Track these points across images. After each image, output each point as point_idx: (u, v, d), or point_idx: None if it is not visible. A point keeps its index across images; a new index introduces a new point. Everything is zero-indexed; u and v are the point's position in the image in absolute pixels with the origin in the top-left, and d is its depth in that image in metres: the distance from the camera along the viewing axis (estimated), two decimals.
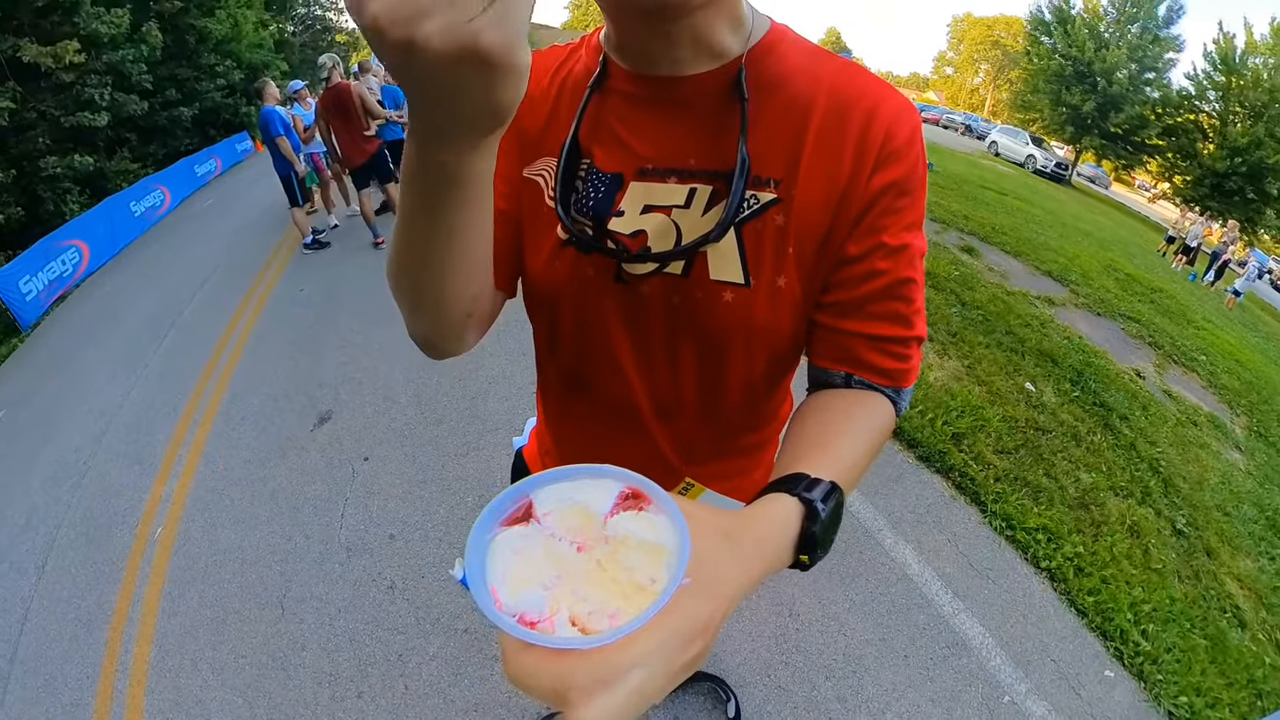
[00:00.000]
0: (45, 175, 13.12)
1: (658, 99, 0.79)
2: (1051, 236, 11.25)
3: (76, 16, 13.62)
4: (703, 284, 0.78)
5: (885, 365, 0.79)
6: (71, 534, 4.16)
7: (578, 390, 0.99)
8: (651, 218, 0.79)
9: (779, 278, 0.77)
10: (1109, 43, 28.55)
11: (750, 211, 0.76)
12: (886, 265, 0.76)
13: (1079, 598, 3.29)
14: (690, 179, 0.78)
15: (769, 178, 0.75)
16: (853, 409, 0.78)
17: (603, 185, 0.81)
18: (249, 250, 9.10)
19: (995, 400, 4.76)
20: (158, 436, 4.95)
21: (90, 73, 14.09)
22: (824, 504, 0.61)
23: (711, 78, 0.76)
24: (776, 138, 0.75)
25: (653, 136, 0.80)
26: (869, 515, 3.62)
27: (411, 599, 3.17)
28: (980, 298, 6.59)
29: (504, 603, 0.44)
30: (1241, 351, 8.91)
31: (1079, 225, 14.83)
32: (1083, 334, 6.63)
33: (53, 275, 9.66)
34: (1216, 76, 26.26)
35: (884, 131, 0.73)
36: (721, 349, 0.83)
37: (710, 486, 0.99)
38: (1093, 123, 28.76)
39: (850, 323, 0.78)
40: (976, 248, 8.72)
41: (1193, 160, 26.58)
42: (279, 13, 29.75)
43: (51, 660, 3.28)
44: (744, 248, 0.76)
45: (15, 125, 12.35)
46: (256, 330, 6.41)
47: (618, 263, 0.80)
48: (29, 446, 5.43)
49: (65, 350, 7.62)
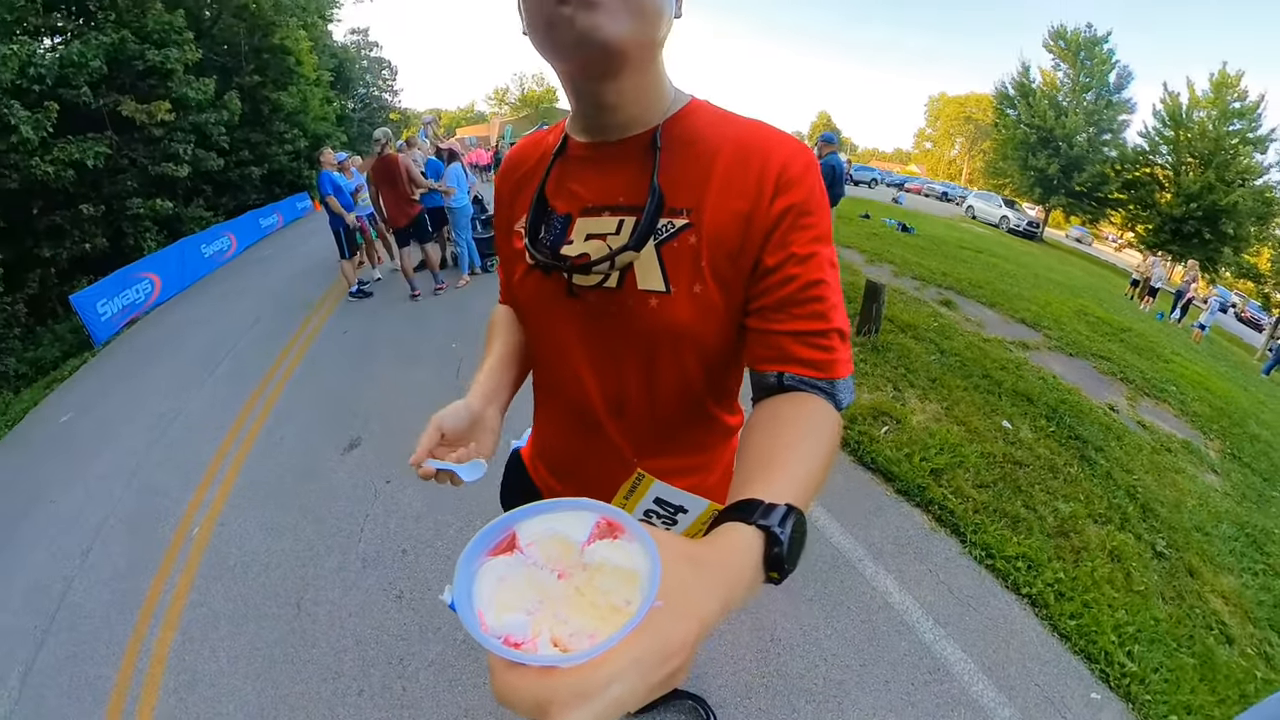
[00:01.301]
0: (130, 214, 13.48)
1: (599, 158, 0.96)
2: (1025, 287, 11.18)
3: (171, 82, 14.24)
4: (632, 293, 0.90)
5: (811, 357, 0.84)
6: (117, 526, 4.23)
7: (550, 393, 1.15)
8: (592, 243, 0.93)
9: (695, 285, 0.88)
10: (1067, 110, 28.85)
11: (668, 234, 0.88)
12: (798, 270, 0.84)
13: (1061, 622, 3.12)
14: (619, 212, 0.92)
15: (682, 207, 0.88)
16: (796, 419, 0.80)
17: (559, 224, 0.98)
18: (301, 295, 9.27)
19: (973, 438, 4.64)
20: (204, 449, 5.00)
21: (177, 130, 14.63)
22: (782, 528, 0.61)
23: (638, 139, 0.92)
24: (688, 177, 0.89)
25: (594, 184, 0.96)
26: (850, 546, 3.50)
27: (417, 609, 3.11)
28: (958, 345, 6.50)
29: (490, 625, 0.45)
30: (1210, 380, 8.67)
31: (1051, 276, 14.72)
32: (1056, 374, 6.49)
33: (127, 301, 9.90)
34: (1166, 132, 26.50)
35: (780, 166, 0.85)
36: (652, 349, 0.94)
37: (664, 480, 1.01)
38: (1059, 183, 28.75)
39: (774, 323, 0.86)
40: (954, 301, 8.65)
41: (1152, 209, 26.55)
42: (342, 91, 30.98)
43: (83, 634, 3.33)
44: (663, 263, 0.89)
45: (109, 169, 12.77)
46: (301, 364, 6.49)
47: (568, 279, 0.95)
48: (89, 446, 5.57)
49: (131, 367, 7.75)
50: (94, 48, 11.86)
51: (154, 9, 14.08)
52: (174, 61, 14.09)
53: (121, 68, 13.28)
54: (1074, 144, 28.09)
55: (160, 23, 14.03)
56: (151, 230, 14.00)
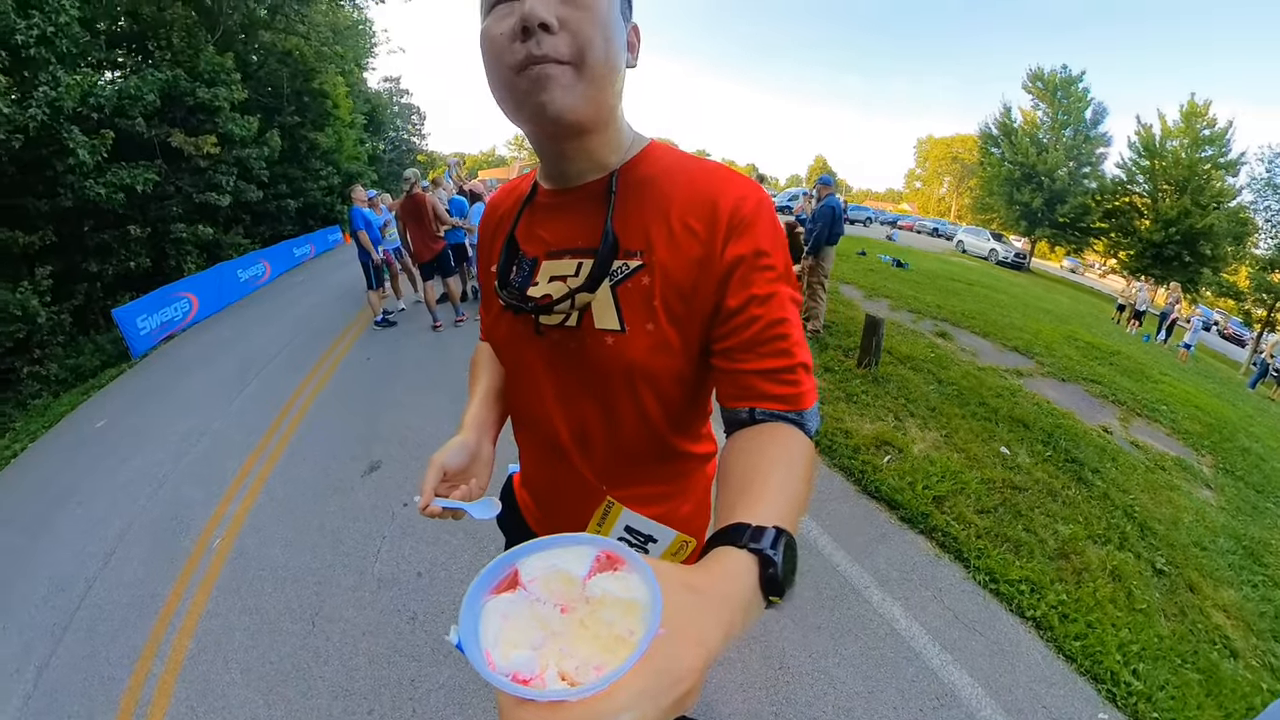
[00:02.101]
0: (173, 238, 13.64)
1: (561, 204, 0.96)
2: (1016, 317, 11.02)
3: (218, 118, 14.53)
4: (590, 332, 0.90)
5: (780, 392, 0.83)
6: (141, 533, 4.18)
7: (525, 425, 1.13)
8: (554, 285, 0.94)
9: (648, 324, 0.87)
10: (1048, 147, 28.95)
11: (623, 275, 0.88)
12: (761, 311, 0.83)
13: (1066, 643, 2.99)
14: (578, 255, 0.93)
15: (636, 249, 0.87)
16: (768, 446, 0.78)
17: (527, 267, 0.99)
18: (328, 321, 9.27)
19: (973, 465, 4.52)
20: (229, 464, 4.93)
21: (221, 162, 14.88)
22: (774, 550, 0.59)
23: (596, 184, 0.92)
24: (641, 219, 0.88)
25: (556, 228, 0.96)
26: (856, 574, 3.37)
27: (430, 631, 2.99)
28: (954, 375, 6.39)
29: (497, 664, 0.44)
30: (1200, 398, 8.56)
31: (1040, 305, 14.54)
32: (1050, 399, 6.39)
33: (165, 318, 9.99)
34: (1142, 162, 26.52)
35: (731, 207, 0.84)
36: (610, 384, 0.92)
37: (632, 509, 1.02)
38: (1043, 216, 28.82)
39: (742, 363, 0.84)
40: (949, 332, 8.53)
41: (1133, 236, 26.46)
42: (374, 133, 31.60)
43: (100, 635, 3.27)
44: (619, 303, 0.88)
45: (156, 195, 12.94)
46: (327, 388, 6.42)
47: (535, 318, 0.95)
48: (120, 454, 5.57)
49: (165, 381, 7.76)
50: (150, 83, 12.12)
51: (206, 51, 14.44)
52: (222, 100, 14.43)
53: (174, 103, 13.57)
54: (1055, 178, 28.27)
55: (212, 64, 14.38)
56: (192, 253, 14.14)
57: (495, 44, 0.78)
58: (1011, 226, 31.18)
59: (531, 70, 0.76)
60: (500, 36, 0.77)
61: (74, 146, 9.91)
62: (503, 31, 0.77)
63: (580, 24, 0.76)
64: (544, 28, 0.74)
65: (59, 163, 10.12)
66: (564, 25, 0.76)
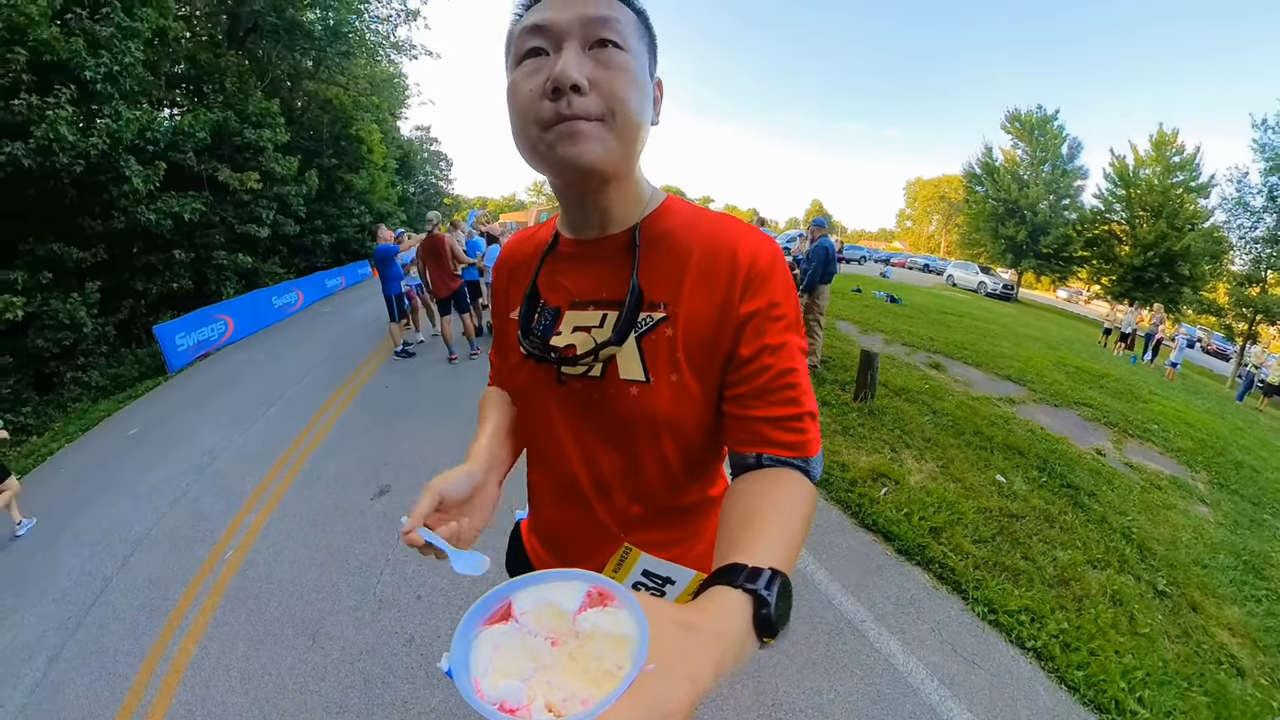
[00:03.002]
0: (214, 264, 13.77)
1: (585, 254, 0.93)
2: (1006, 346, 10.69)
3: (262, 157, 14.85)
4: (614, 383, 0.87)
5: (787, 439, 0.81)
6: (158, 539, 4.15)
7: (542, 469, 1.07)
8: (578, 335, 0.91)
9: (672, 375, 0.85)
10: (1029, 182, 29.00)
11: (646, 327, 0.85)
12: (772, 360, 0.81)
13: (1068, 673, 2.79)
14: (603, 306, 0.90)
15: (659, 301, 0.85)
16: (771, 490, 0.76)
17: (549, 316, 0.95)
18: (352, 350, 9.25)
19: (969, 494, 4.34)
20: (248, 480, 4.87)
21: (262, 197, 15.10)
22: (768, 590, 0.58)
23: (618, 237, 0.89)
24: (664, 272, 0.86)
25: (580, 279, 0.93)
26: (852, 608, 3.18)
27: (425, 654, 2.87)
28: (949, 405, 6.18)
29: (486, 693, 0.43)
30: (1190, 414, 8.27)
31: (1028, 333, 14.11)
32: (1043, 425, 6.18)
33: (202, 337, 10.11)
34: (1118, 191, 26.35)
35: (749, 260, 0.83)
36: (633, 434, 0.89)
37: (649, 553, 0.96)
38: (1027, 248, 28.68)
39: (752, 410, 0.82)
40: (943, 363, 8.28)
41: (1114, 262, 26.22)
42: (405, 177, 32.30)
43: (111, 632, 3.24)
44: (643, 354, 0.85)
45: (201, 223, 13.12)
46: (346, 412, 6.35)
47: (557, 368, 0.91)
48: (146, 462, 5.61)
49: (196, 396, 7.78)
50: (203, 122, 12.41)
51: (255, 96, 14.80)
52: (267, 140, 14.75)
53: (223, 141, 13.87)
54: (1037, 211, 28.28)
55: (259, 108, 14.73)
56: (231, 279, 14.28)
57: (524, 98, 0.76)
58: (998, 259, 30.96)
59: (563, 126, 0.73)
60: (530, 92, 0.75)
61: (130, 175, 10.14)
62: (532, 88, 0.75)
63: (611, 84, 0.74)
64: (575, 89, 0.72)
65: (115, 188, 10.32)
66: (594, 85, 0.74)
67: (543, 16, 0.76)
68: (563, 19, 0.75)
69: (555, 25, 0.75)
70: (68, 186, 9.67)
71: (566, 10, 0.75)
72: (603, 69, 0.74)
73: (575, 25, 0.74)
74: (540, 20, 0.76)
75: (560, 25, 0.75)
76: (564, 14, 0.75)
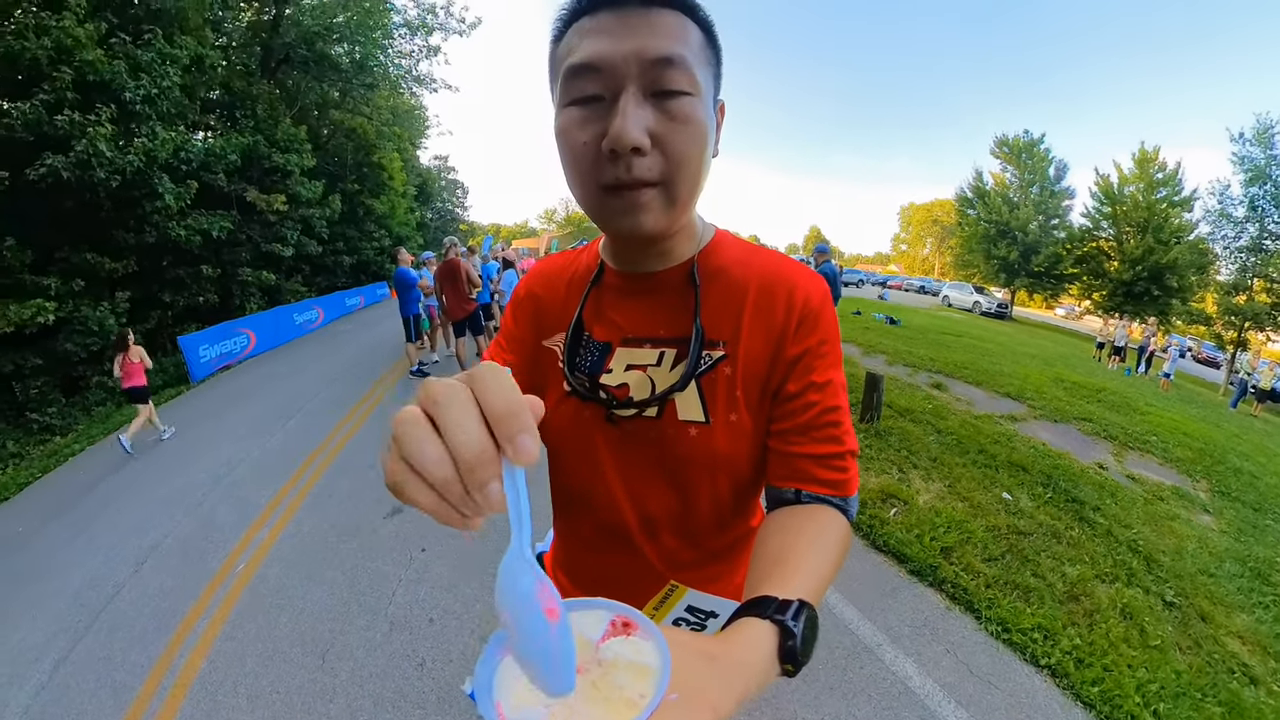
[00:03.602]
0: (239, 280, 13.83)
1: (638, 289, 0.85)
2: (1005, 364, 10.48)
3: (288, 180, 14.98)
4: (673, 424, 0.80)
5: (829, 477, 0.77)
6: (172, 547, 4.04)
7: (582, 510, 0.95)
8: (632, 374, 0.83)
9: (731, 415, 0.79)
10: (1018, 204, 28.84)
11: (706, 366, 0.80)
12: (818, 398, 0.77)
13: (1083, 689, 2.66)
14: (660, 345, 0.83)
15: (718, 340, 0.80)
16: (808, 524, 0.72)
17: (596, 351, 0.86)
18: (369, 368, 9.15)
19: (977, 513, 4.19)
20: (264, 492, 4.74)
21: (288, 219, 15.20)
22: (795, 622, 0.56)
23: (674, 272, 0.83)
24: (722, 310, 0.81)
25: (633, 315, 0.85)
26: (868, 631, 3.03)
27: (437, 679, 2.71)
28: (952, 425, 6.03)
29: (507, 717, 0.40)
30: (1186, 424, 8.08)
31: (1025, 350, 13.86)
32: (1045, 441, 6.01)
33: (224, 350, 10.13)
34: (1104, 209, 25.97)
35: (803, 299, 0.79)
36: (691, 475, 0.82)
37: (694, 588, 0.90)
38: (1019, 267, 28.41)
39: (795, 446, 0.78)
40: (944, 383, 8.13)
41: (1104, 278, 25.75)
42: (423, 204, 32.55)
43: (119, 640, 3.13)
44: (703, 394, 0.79)
45: (229, 241, 13.21)
46: (361, 429, 6.22)
47: (607, 409, 0.83)
48: (166, 468, 5.53)
49: (216, 407, 7.70)
50: (234, 145, 12.53)
51: (284, 123, 14.99)
52: (293, 165, 14.88)
53: (252, 163, 13.99)
54: (1028, 232, 28.05)
55: (287, 134, 14.90)
56: (255, 295, 14.33)
57: (577, 152, 0.66)
58: (992, 279, 30.79)
59: (624, 195, 0.66)
60: (584, 146, 0.65)
61: (163, 191, 10.26)
62: (586, 140, 0.65)
63: (676, 143, 0.65)
64: (636, 150, 0.62)
65: (148, 204, 10.42)
66: (657, 143, 0.64)
67: (595, 52, 0.63)
68: (618, 56, 0.62)
69: (611, 66, 0.63)
70: (104, 200, 9.76)
71: (624, 42, 0.63)
72: (667, 121, 0.64)
73: (634, 67, 0.63)
74: (592, 59, 0.63)
75: (616, 66, 0.63)
76: (621, 47, 0.63)
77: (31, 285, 9.05)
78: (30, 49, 8.31)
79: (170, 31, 10.50)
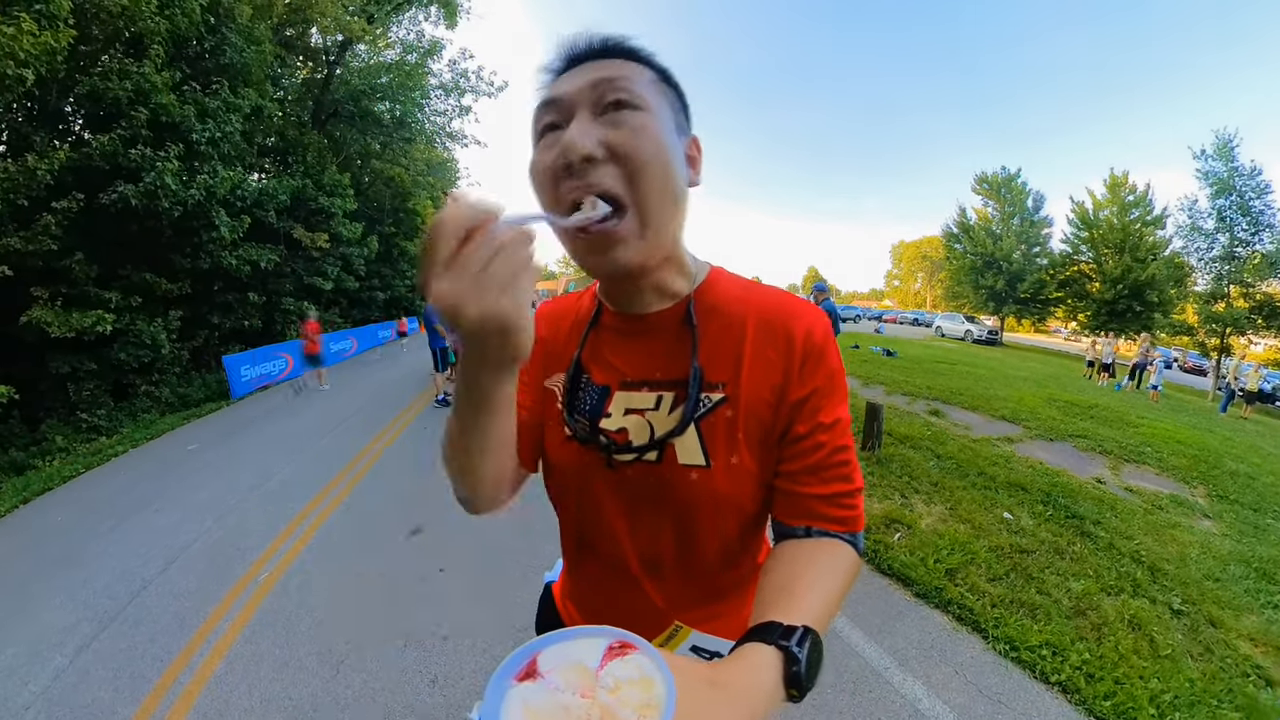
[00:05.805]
0: (282, 309, 14.02)
1: (634, 330, 0.79)
2: (999, 388, 10.16)
3: (331, 221, 15.34)
4: (673, 468, 0.73)
5: (839, 515, 0.71)
6: (200, 551, 3.93)
7: (586, 550, 0.88)
8: (631, 418, 0.76)
9: (732, 457, 0.72)
10: (1001, 236, 28.54)
11: (705, 409, 0.73)
12: (826, 438, 0.71)
13: (1096, 704, 2.41)
14: (658, 388, 0.76)
15: (718, 382, 0.73)
16: (817, 554, 0.68)
17: (596, 394, 0.79)
18: (397, 395, 9.05)
19: (980, 534, 3.94)
20: (292, 505, 4.57)
21: (329, 255, 15.54)
22: (800, 648, 0.53)
23: (669, 312, 0.76)
24: (720, 351, 0.74)
25: (630, 357, 0.79)
26: (875, 655, 2.77)
27: (448, 696, 2.50)
28: (951, 449, 5.77)
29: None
30: (1179, 433, 7.72)
31: (1017, 374, 13.45)
32: (1043, 460, 5.73)
33: (264, 370, 10.27)
34: (1082, 234, 25.64)
35: (805, 336, 0.72)
36: (693, 518, 0.75)
37: (698, 628, 0.84)
38: (1006, 295, 27.91)
39: (805, 486, 0.71)
40: (941, 409, 7.83)
41: (1087, 299, 25.14)
42: None
43: (140, 634, 3.02)
44: (703, 437, 0.72)
45: (275, 272, 13.53)
46: (388, 451, 6.05)
47: (607, 454, 0.76)
48: (201, 477, 5.45)
49: (254, 422, 7.65)
50: (284, 187, 12.86)
51: (330, 169, 15.43)
52: (336, 207, 15.27)
53: (300, 204, 14.33)
54: (1012, 261, 27.81)
55: (333, 179, 15.30)
56: (296, 323, 14.45)
57: (543, 179, 0.63)
58: (981, 308, 30.34)
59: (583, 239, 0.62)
60: (546, 170, 0.62)
61: (219, 224, 10.51)
62: (547, 164, 0.62)
63: (627, 146, 0.61)
64: (588, 160, 0.59)
65: (205, 234, 10.67)
66: (611, 151, 0.60)
67: (555, 90, 0.65)
68: (573, 89, 0.63)
69: (566, 97, 0.63)
70: (165, 227, 9.95)
71: (576, 79, 0.64)
72: (617, 130, 0.61)
73: (586, 95, 0.62)
74: (552, 94, 0.65)
75: (570, 96, 0.63)
76: (573, 82, 0.64)
77: (94, 297, 9.22)
78: (113, 89, 8.62)
79: (235, 83, 10.88)
